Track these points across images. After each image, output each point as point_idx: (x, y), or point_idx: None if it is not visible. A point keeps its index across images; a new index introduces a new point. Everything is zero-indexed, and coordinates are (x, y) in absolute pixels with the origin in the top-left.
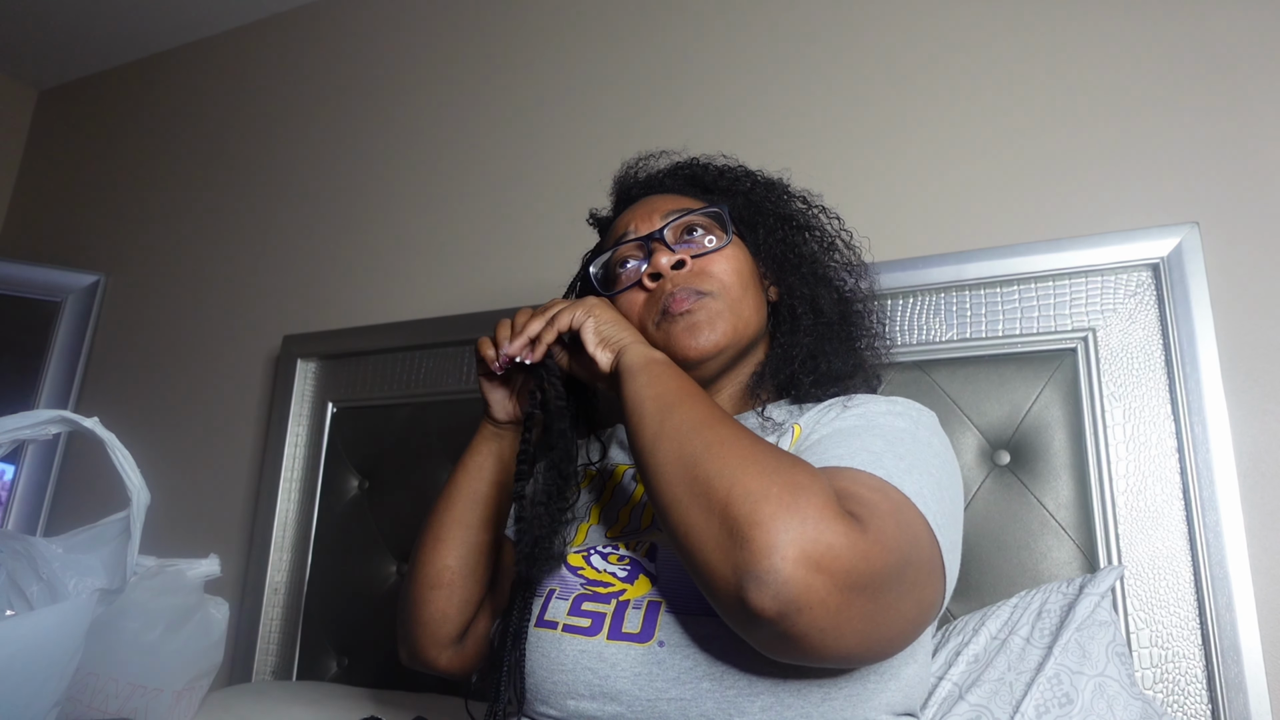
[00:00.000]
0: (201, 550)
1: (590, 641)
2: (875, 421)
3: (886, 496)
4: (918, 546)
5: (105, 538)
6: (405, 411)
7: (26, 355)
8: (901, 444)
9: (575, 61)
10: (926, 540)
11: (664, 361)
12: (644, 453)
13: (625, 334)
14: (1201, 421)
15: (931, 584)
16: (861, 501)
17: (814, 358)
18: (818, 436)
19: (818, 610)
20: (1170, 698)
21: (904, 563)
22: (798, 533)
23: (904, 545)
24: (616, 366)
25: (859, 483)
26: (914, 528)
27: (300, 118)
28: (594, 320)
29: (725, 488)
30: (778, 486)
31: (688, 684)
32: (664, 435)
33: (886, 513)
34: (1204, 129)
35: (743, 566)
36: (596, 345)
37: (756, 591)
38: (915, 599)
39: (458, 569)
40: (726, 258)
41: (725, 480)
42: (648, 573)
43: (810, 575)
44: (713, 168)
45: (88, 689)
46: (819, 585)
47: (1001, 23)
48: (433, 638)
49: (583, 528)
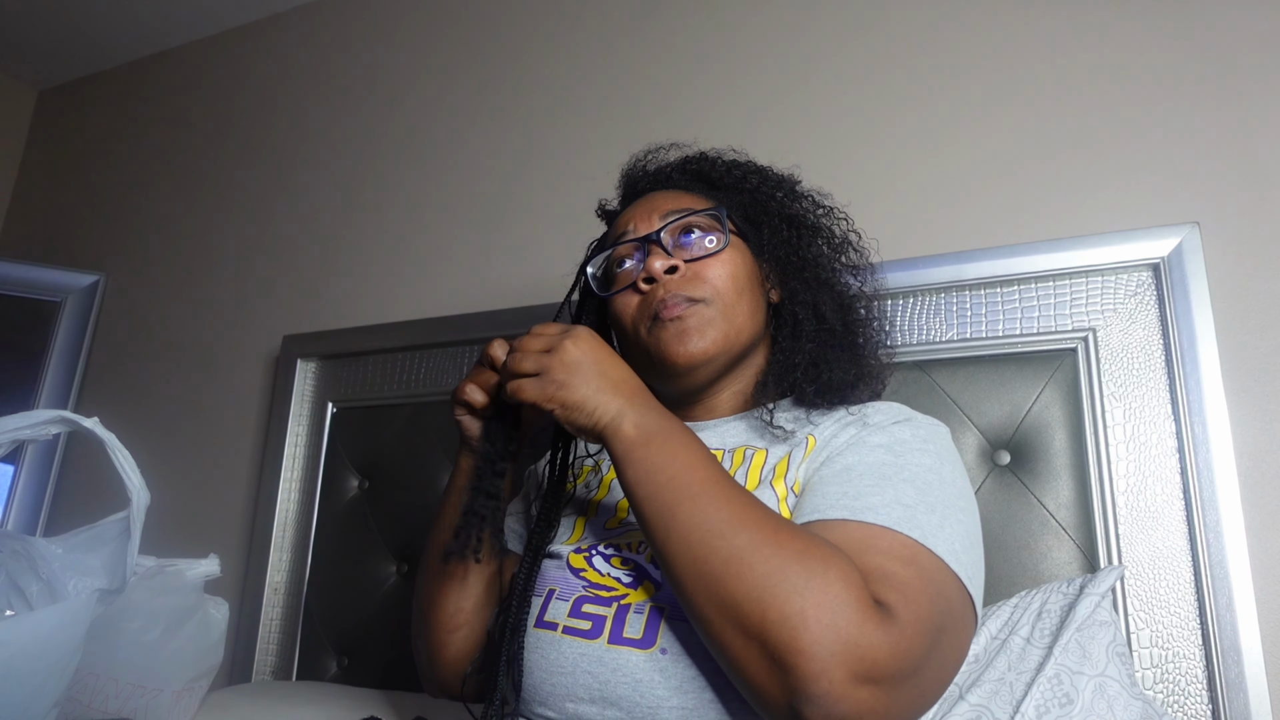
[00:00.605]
0: (201, 550)
1: (590, 645)
2: (904, 460)
3: (920, 569)
4: (950, 612)
5: (105, 538)
6: (405, 411)
7: (26, 355)
8: (931, 491)
9: (577, 61)
10: (959, 599)
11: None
12: (656, 548)
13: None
14: (1201, 421)
15: (963, 634)
16: (894, 584)
17: (816, 365)
18: (841, 464)
19: (869, 714)
20: (1170, 698)
21: (938, 634)
22: (842, 654)
23: (937, 618)
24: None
25: (893, 556)
26: (946, 592)
27: (300, 117)
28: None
29: (759, 614)
30: (813, 605)
31: (690, 693)
32: (673, 539)
33: (919, 591)
34: (1204, 129)
35: (792, 690)
36: (574, 427)
37: (810, 710)
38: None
39: (471, 609)
40: (723, 262)
41: (756, 605)
42: (651, 578)
43: (859, 689)
44: (720, 163)
45: (88, 689)
46: (868, 695)
47: (1002, 23)
48: (459, 674)
49: (579, 521)
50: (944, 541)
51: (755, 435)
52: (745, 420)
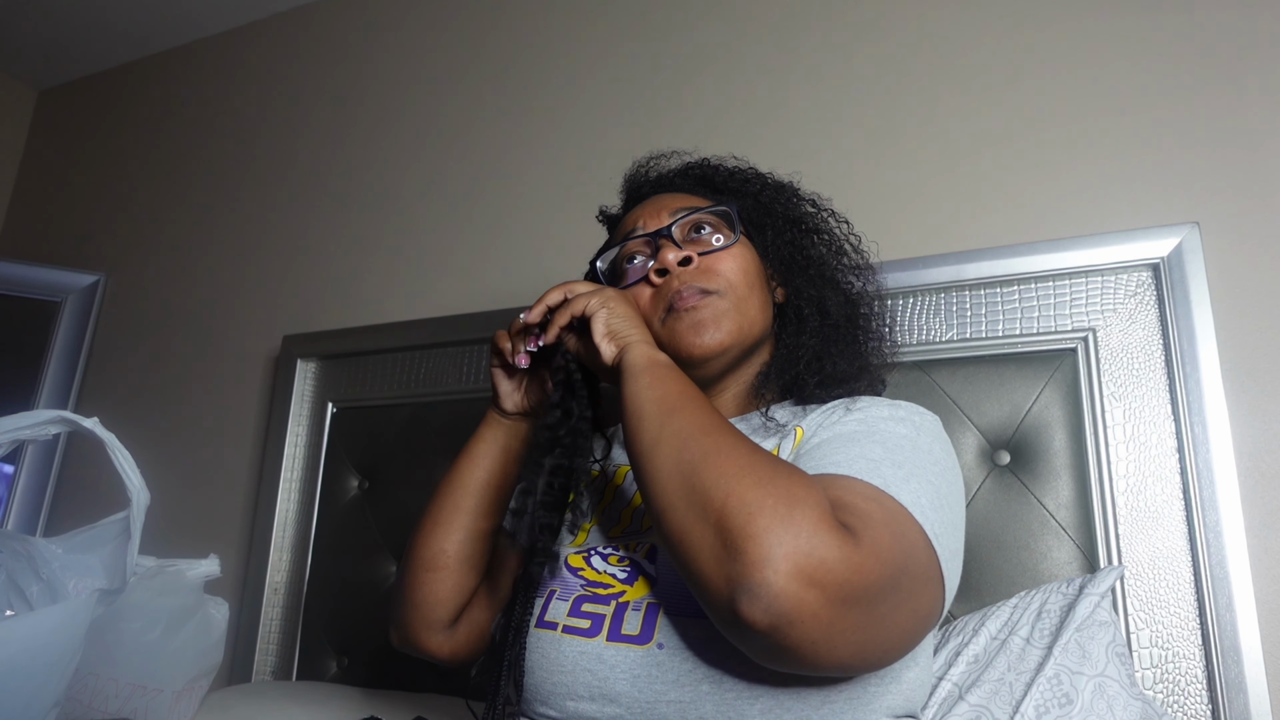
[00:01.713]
0: (201, 550)
1: (590, 643)
2: (876, 427)
3: (882, 506)
4: (913, 557)
5: (105, 538)
6: (405, 411)
7: (26, 355)
8: (900, 451)
9: (578, 62)
10: (923, 550)
11: (667, 364)
12: (641, 456)
13: (634, 331)
14: (1201, 421)
15: (928, 593)
16: (856, 512)
17: (819, 359)
18: (818, 440)
19: (810, 623)
20: (1170, 698)
21: (898, 573)
22: (791, 546)
23: (898, 556)
24: (619, 362)
25: (854, 492)
26: (909, 538)
27: (300, 117)
28: (606, 311)
29: (721, 497)
30: (773, 498)
31: (687, 686)
32: (663, 440)
33: (881, 523)
34: (1204, 129)
35: (736, 578)
36: (603, 336)
37: (749, 604)
38: (911, 609)
39: (454, 553)
40: (733, 256)
41: (721, 490)
42: (647, 575)
43: (802, 589)
44: (723, 169)
45: (88, 689)
46: (811, 599)
47: (1001, 24)
48: (424, 620)
49: (584, 527)
50: (909, 493)
51: (749, 433)
52: (743, 421)
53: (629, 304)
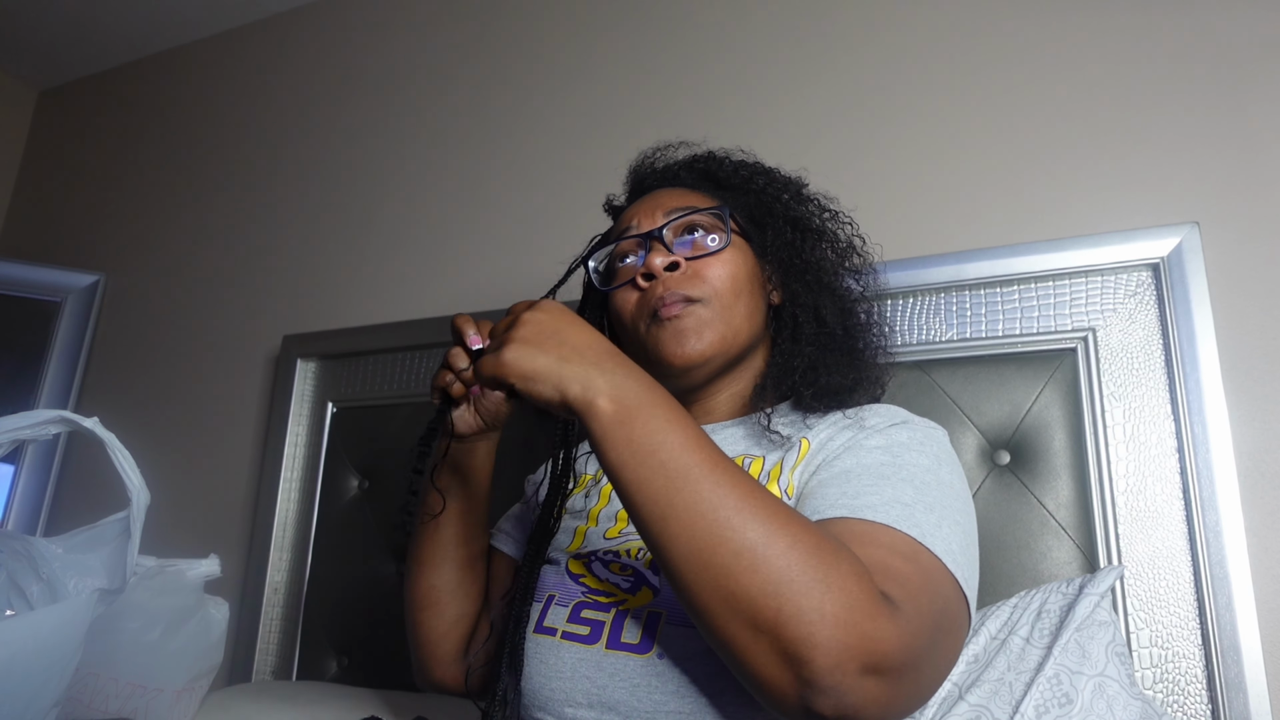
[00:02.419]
0: (201, 550)
1: (589, 650)
2: (901, 460)
3: (919, 567)
4: (948, 610)
5: (105, 538)
6: (405, 411)
7: (26, 355)
8: (929, 491)
9: (581, 62)
10: (955, 599)
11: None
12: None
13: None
14: (1201, 421)
15: (959, 633)
16: (896, 579)
17: (814, 369)
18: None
19: (873, 707)
20: (1170, 698)
21: (937, 630)
22: (856, 647)
23: (936, 617)
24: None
25: (894, 551)
26: (944, 593)
27: (300, 117)
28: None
29: (773, 610)
30: (830, 603)
31: (687, 698)
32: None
33: (920, 588)
34: (1204, 129)
35: (805, 681)
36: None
37: (820, 702)
38: (947, 658)
39: (443, 588)
40: (723, 261)
41: (772, 600)
42: (649, 584)
43: (867, 680)
44: (728, 163)
45: (88, 689)
46: (873, 686)
47: (1001, 23)
48: (434, 657)
49: (580, 529)
50: (941, 541)
51: (753, 443)
52: (743, 426)
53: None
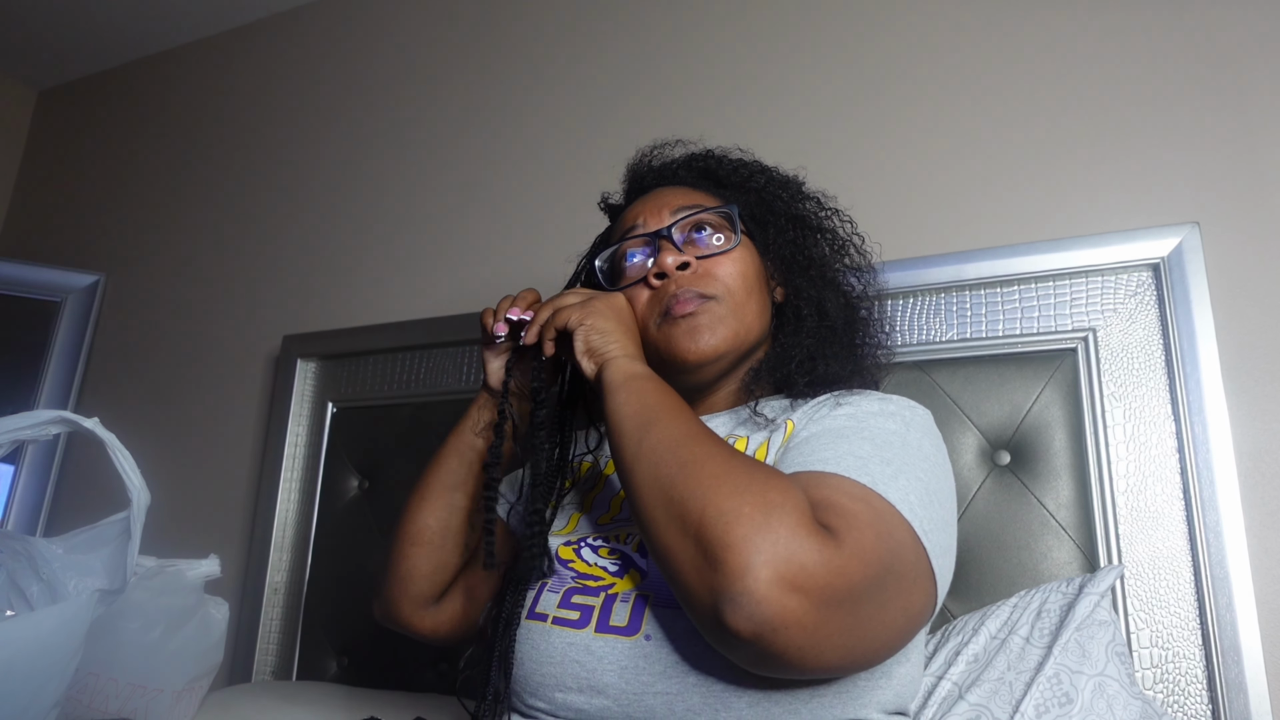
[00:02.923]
0: (201, 550)
1: (578, 634)
2: (865, 423)
3: (869, 505)
4: (899, 555)
5: (105, 538)
6: (405, 411)
7: (26, 355)
8: (890, 448)
9: (578, 61)
10: (911, 548)
11: (645, 376)
12: (624, 471)
13: (613, 345)
14: (1201, 421)
15: (918, 591)
16: (840, 512)
17: (812, 359)
18: (806, 434)
19: (794, 629)
20: (1170, 698)
21: (884, 572)
22: (770, 553)
23: (884, 555)
24: (599, 378)
25: (841, 491)
26: (896, 536)
27: (300, 117)
28: (585, 329)
29: (699, 509)
30: (750, 506)
31: (674, 678)
32: (642, 455)
33: (866, 523)
34: (1204, 129)
35: (718, 589)
36: (583, 353)
37: (732, 613)
38: (901, 607)
39: (436, 528)
40: (733, 260)
41: (698, 502)
42: (637, 567)
43: (784, 595)
44: (728, 161)
45: (88, 689)
46: (794, 604)
47: (1001, 23)
48: (406, 594)
49: (574, 516)
50: (897, 490)
51: (738, 425)
52: (733, 414)
53: (612, 315)
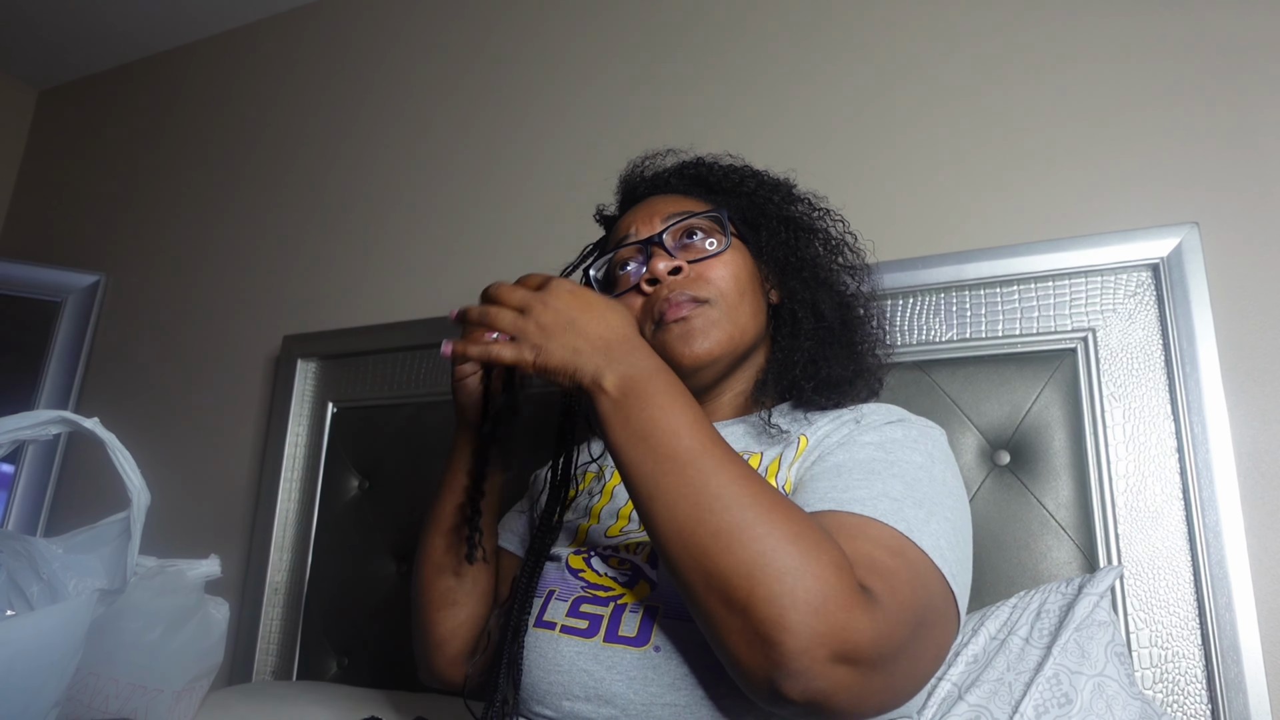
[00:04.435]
0: (201, 550)
1: (587, 643)
2: (894, 456)
3: (906, 561)
4: (932, 605)
5: (105, 538)
6: (405, 411)
7: (26, 355)
8: (920, 487)
9: (578, 62)
10: (940, 594)
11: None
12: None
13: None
14: (1201, 421)
15: (945, 629)
16: (880, 572)
17: (815, 363)
18: (833, 461)
19: (843, 694)
20: (1170, 698)
21: (919, 625)
22: (826, 635)
23: (919, 608)
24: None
25: (881, 545)
26: (930, 586)
27: (300, 118)
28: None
29: (746, 590)
30: (802, 589)
31: (683, 690)
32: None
33: (904, 581)
34: (1204, 129)
35: (773, 663)
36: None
37: (787, 685)
38: (932, 654)
39: (458, 588)
40: (725, 263)
41: (744, 580)
42: (647, 578)
43: (838, 668)
44: (718, 167)
45: (88, 689)
46: (844, 674)
47: (1001, 23)
48: (447, 657)
49: (582, 527)
50: (929, 536)
51: (752, 439)
52: (744, 424)
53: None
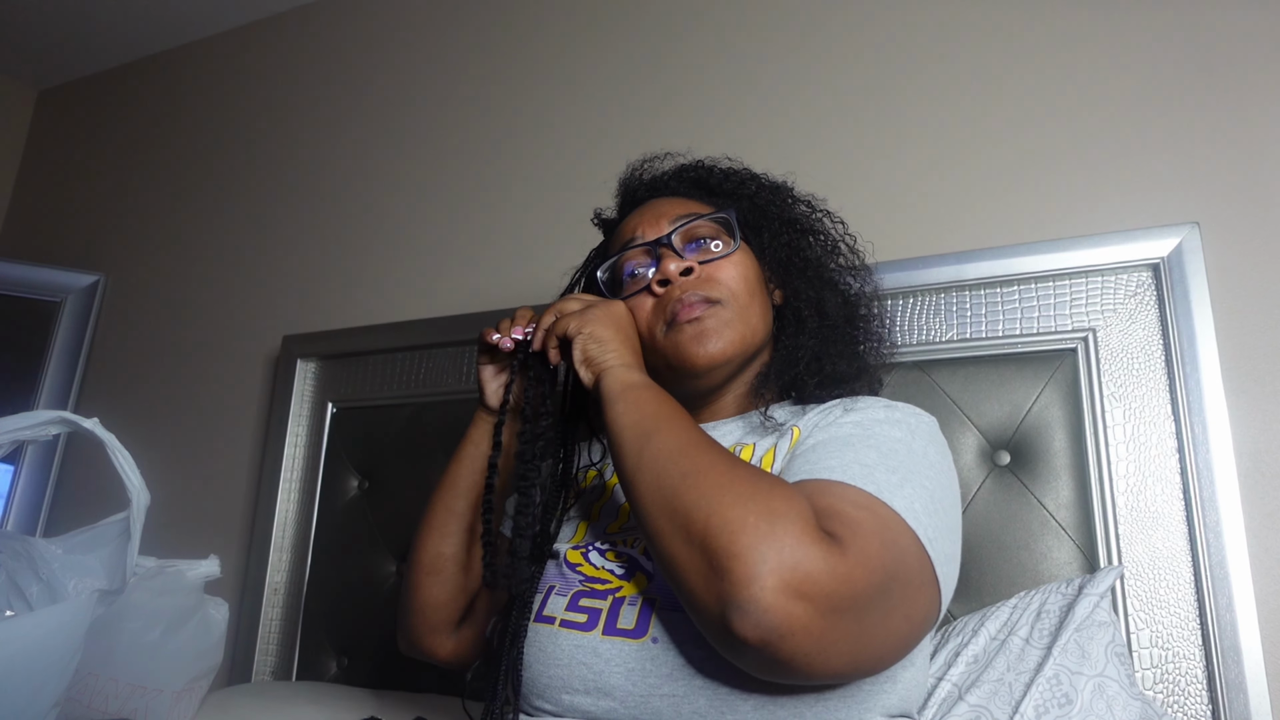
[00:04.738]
0: (201, 550)
1: (585, 637)
2: (871, 431)
3: (873, 513)
4: (904, 563)
5: (105, 538)
6: (405, 411)
7: (26, 355)
8: (895, 455)
9: (577, 62)
10: (915, 555)
11: (643, 385)
12: (626, 481)
13: (610, 355)
14: (1201, 421)
15: (922, 598)
16: (845, 520)
17: (818, 359)
18: (814, 441)
19: (800, 636)
20: (1170, 698)
21: (888, 580)
22: (776, 561)
23: (888, 563)
24: (597, 388)
25: (845, 499)
26: (901, 544)
27: (300, 118)
28: (583, 337)
29: (703, 519)
30: (754, 515)
31: (680, 681)
32: (643, 465)
33: (870, 531)
34: (1204, 129)
35: (725, 597)
36: (581, 363)
37: (739, 621)
38: (904, 614)
39: (452, 556)
40: (734, 264)
41: (703, 511)
42: (644, 570)
43: (791, 602)
44: (718, 170)
45: (88, 689)
46: (800, 611)
47: (1001, 23)
48: (428, 624)
49: (582, 526)
50: (902, 499)
51: (747, 432)
52: (742, 420)
53: (610, 323)
